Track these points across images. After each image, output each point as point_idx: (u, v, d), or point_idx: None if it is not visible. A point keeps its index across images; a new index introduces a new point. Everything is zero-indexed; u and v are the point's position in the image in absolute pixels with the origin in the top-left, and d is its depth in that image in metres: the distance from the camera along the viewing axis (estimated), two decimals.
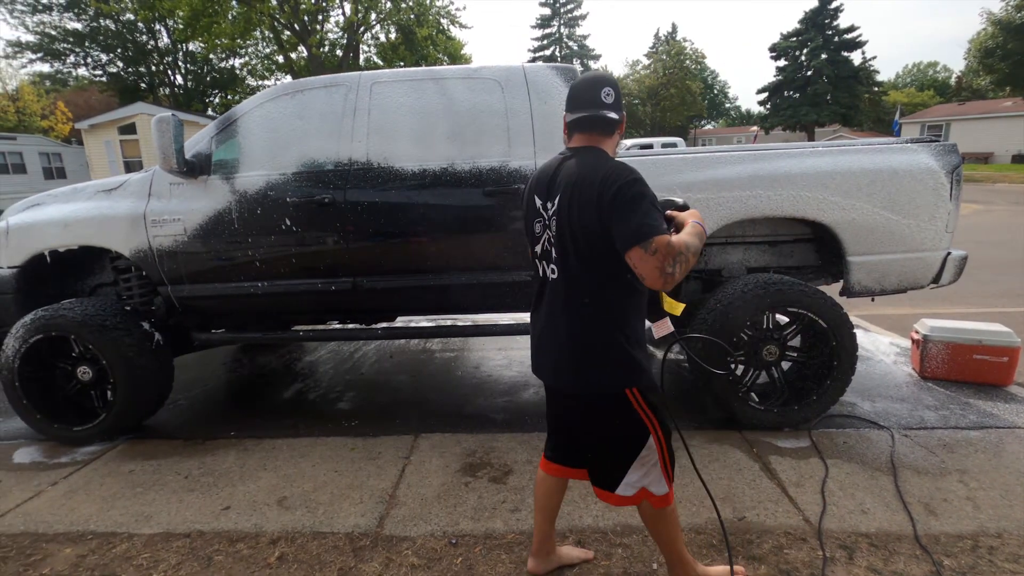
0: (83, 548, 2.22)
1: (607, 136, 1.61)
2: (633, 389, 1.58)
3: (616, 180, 1.44)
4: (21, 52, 28.01)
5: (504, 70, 3.13)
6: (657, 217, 1.41)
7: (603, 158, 1.54)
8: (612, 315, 1.56)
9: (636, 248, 1.37)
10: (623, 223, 1.40)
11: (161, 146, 2.81)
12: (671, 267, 1.36)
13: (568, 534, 2.17)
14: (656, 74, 46.93)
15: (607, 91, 1.57)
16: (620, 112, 1.61)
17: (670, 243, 1.36)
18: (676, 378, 3.93)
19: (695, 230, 1.50)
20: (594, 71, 1.70)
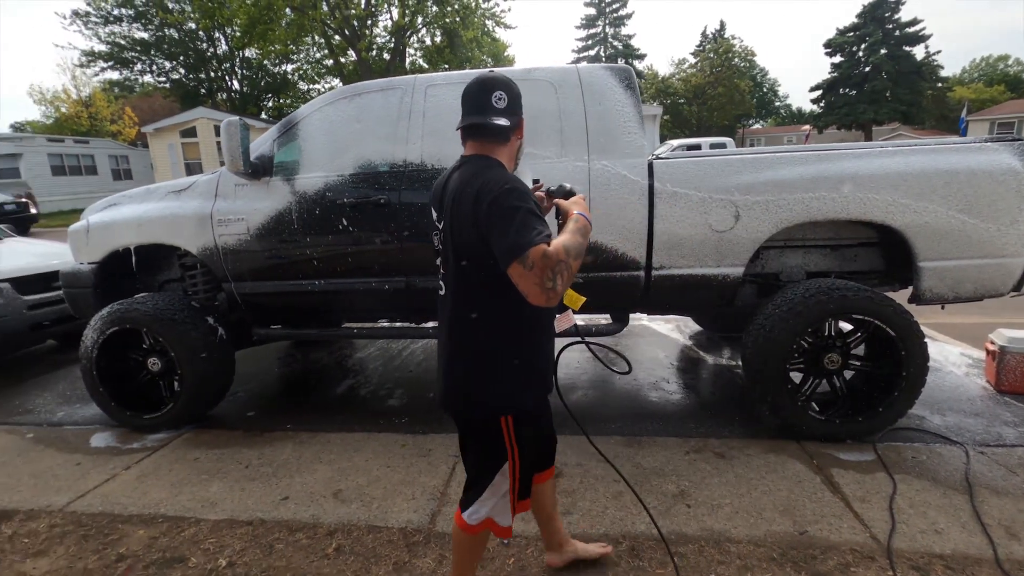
0: (155, 530, 2.34)
1: (499, 143, 1.52)
2: (508, 417, 1.51)
3: (489, 193, 1.34)
4: (94, 61, 29.83)
5: (558, 71, 3.13)
6: (535, 227, 1.28)
7: (484, 169, 1.44)
8: (499, 335, 1.48)
9: (514, 265, 1.26)
10: (500, 239, 1.30)
11: (229, 149, 2.93)
12: (550, 281, 1.24)
13: (621, 540, 2.15)
14: (703, 73, 45.82)
15: (498, 95, 1.48)
16: (513, 117, 1.51)
17: (546, 254, 1.24)
18: (728, 384, 3.82)
19: (577, 226, 1.39)
20: (488, 72, 1.56)
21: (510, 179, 1.39)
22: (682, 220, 2.89)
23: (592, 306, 3.24)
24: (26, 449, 3.17)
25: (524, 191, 1.37)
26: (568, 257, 1.27)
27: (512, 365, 1.49)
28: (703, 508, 2.33)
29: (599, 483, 2.55)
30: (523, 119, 1.58)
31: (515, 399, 1.52)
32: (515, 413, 1.52)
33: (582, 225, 1.40)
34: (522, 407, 1.53)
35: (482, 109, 1.48)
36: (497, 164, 1.48)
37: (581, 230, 1.38)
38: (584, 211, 1.47)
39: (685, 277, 2.97)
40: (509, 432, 1.52)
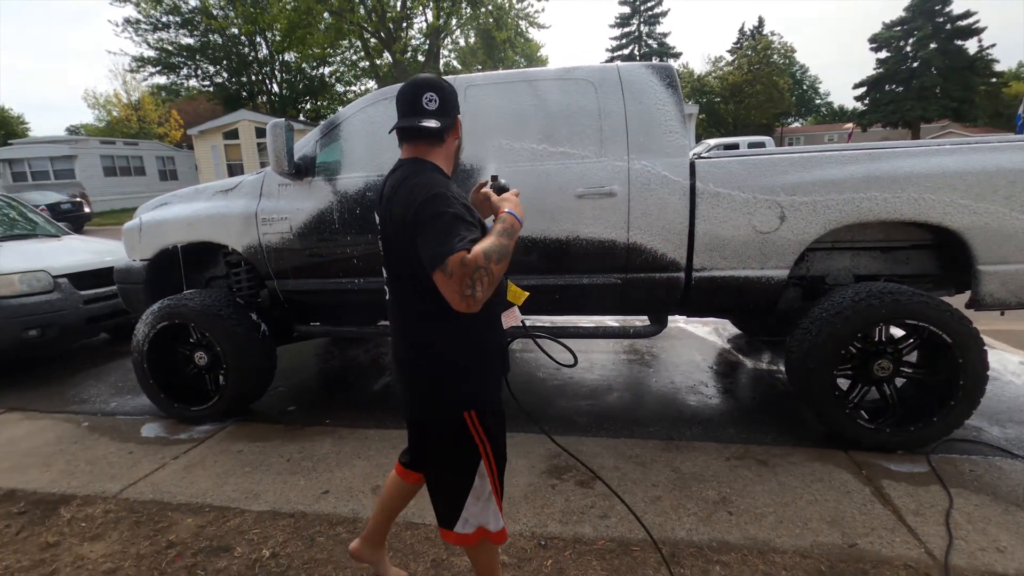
0: (202, 519, 2.42)
1: (433, 145, 1.50)
2: (471, 412, 1.49)
3: (416, 199, 1.35)
4: (143, 66, 31.11)
5: (598, 70, 3.10)
6: (457, 234, 1.28)
7: (414, 174, 1.43)
8: (445, 334, 1.46)
9: (437, 272, 1.28)
10: (424, 247, 1.31)
11: (274, 149, 3.01)
12: (469, 289, 1.24)
13: (662, 545, 2.11)
14: (740, 71, 44.78)
15: (429, 97, 1.46)
16: (445, 118, 1.48)
17: (463, 261, 1.23)
18: (769, 389, 3.72)
19: (503, 226, 1.37)
20: (422, 75, 1.54)
21: (436, 184, 1.38)
22: (725, 221, 2.82)
23: (631, 307, 3.23)
24: (82, 437, 3.32)
25: (449, 196, 1.36)
26: (488, 262, 1.26)
27: (464, 362, 1.49)
28: (746, 516, 2.27)
29: (637, 487, 2.52)
30: (459, 120, 1.57)
31: (473, 394, 1.50)
32: (477, 408, 1.50)
33: (509, 225, 1.38)
34: (481, 401, 1.52)
35: (413, 111, 1.48)
36: (429, 167, 1.47)
37: (507, 231, 1.36)
38: (514, 208, 1.45)
39: (727, 279, 2.90)
40: (476, 427, 1.50)
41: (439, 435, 1.55)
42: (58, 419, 3.61)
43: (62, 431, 3.41)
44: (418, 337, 1.50)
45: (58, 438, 3.30)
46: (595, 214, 2.94)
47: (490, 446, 1.53)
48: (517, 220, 1.42)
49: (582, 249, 2.98)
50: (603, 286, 3.04)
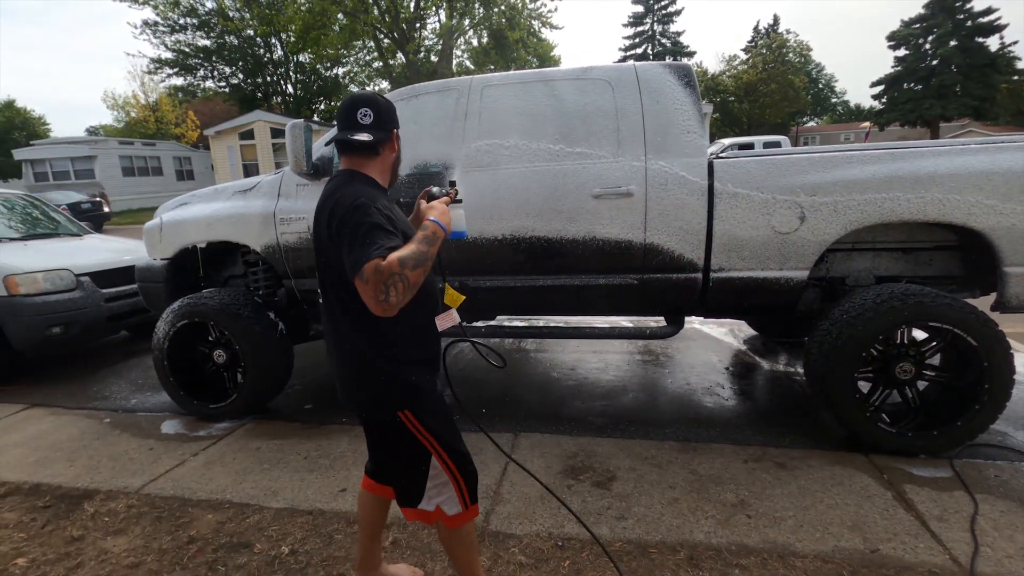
0: (222, 515, 2.45)
1: (368, 158, 1.57)
2: (406, 411, 1.54)
3: (339, 209, 1.42)
4: (161, 68, 31.57)
5: (615, 69, 3.09)
6: (375, 242, 1.34)
7: (343, 184, 1.51)
8: (374, 340, 1.51)
9: (356, 279, 1.34)
10: (346, 255, 1.38)
11: (293, 150, 3.03)
12: (383, 294, 1.31)
13: (679, 548, 2.10)
14: (755, 69, 44.31)
15: (363, 112, 1.54)
16: (379, 132, 1.54)
17: (377, 268, 1.30)
18: (787, 391, 3.68)
19: (424, 234, 1.43)
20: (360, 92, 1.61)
21: (361, 195, 1.43)
22: (743, 221, 2.80)
23: (648, 308, 3.21)
24: (104, 433, 3.37)
25: (371, 207, 1.41)
26: (403, 268, 1.32)
27: (393, 364, 1.53)
28: (764, 519, 2.25)
29: (654, 489, 2.50)
30: (396, 133, 1.63)
31: (405, 394, 1.55)
32: (410, 407, 1.55)
33: (430, 232, 1.45)
34: (414, 400, 1.56)
35: (348, 125, 1.55)
36: (360, 179, 1.54)
37: (427, 238, 1.43)
38: (439, 217, 1.51)
39: (745, 280, 2.88)
40: (415, 425, 1.56)
41: (382, 434, 1.62)
42: (80, 415, 3.68)
43: (85, 427, 3.47)
44: (348, 341, 1.55)
45: (81, 434, 3.36)
46: (612, 214, 2.93)
47: (435, 441, 1.58)
48: (440, 228, 1.48)
49: (599, 249, 2.97)
50: (620, 287, 3.02)
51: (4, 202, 5.53)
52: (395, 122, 1.63)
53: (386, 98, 1.61)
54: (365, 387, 1.56)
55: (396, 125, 1.63)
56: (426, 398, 1.58)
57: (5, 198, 5.62)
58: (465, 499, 1.64)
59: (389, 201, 1.55)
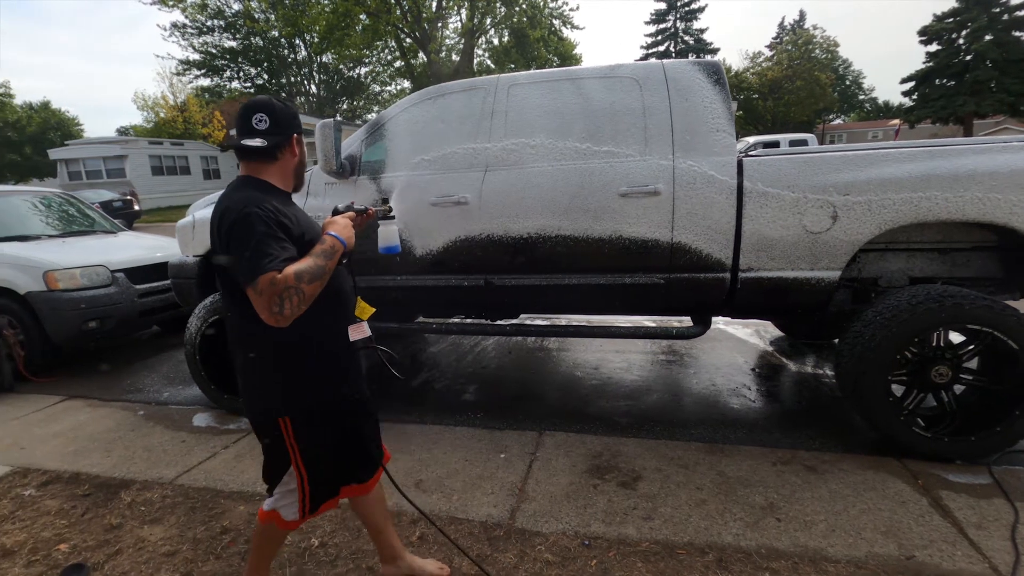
0: (253, 507, 2.50)
1: (265, 162, 1.58)
2: (284, 419, 1.57)
3: (228, 217, 1.43)
4: (189, 69, 32.32)
5: (643, 67, 3.07)
6: (268, 253, 1.37)
7: (235, 190, 1.53)
8: (268, 343, 1.52)
9: (247, 288, 1.37)
10: (237, 263, 1.40)
11: (323, 149, 3.08)
12: (277, 306, 1.35)
13: (707, 550, 2.08)
14: (780, 66, 43.52)
15: (258, 117, 1.55)
16: (275, 137, 1.56)
17: (273, 281, 1.34)
18: (815, 393, 3.62)
19: (322, 248, 1.49)
20: (256, 97, 1.61)
21: (251, 202, 1.44)
22: (773, 221, 2.76)
23: (674, 308, 3.18)
24: (139, 425, 3.47)
25: (261, 215, 1.42)
26: (299, 282, 1.37)
27: (284, 371, 1.55)
28: (795, 523, 2.22)
29: (680, 489, 2.49)
30: (297, 137, 1.64)
31: (288, 403, 1.57)
32: (290, 415, 1.57)
33: (328, 247, 1.50)
34: (296, 410, 1.58)
35: (243, 131, 1.56)
36: (254, 184, 1.56)
37: (325, 252, 1.48)
38: (339, 231, 1.56)
39: (775, 280, 2.84)
40: (288, 433, 1.58)
41: (261, 433, 1.66)
42: (116, 407, 3.78)
43: (120, 418, 3.57)
44: (243, 345, 1.57)
45: (117, 425, 3.46)
46: (639, 213, 2.91)
47: (299, 453, 1.61)
48: (339, 242, 1.54)
49: (625, 248, 2.95)
50: (646, 286, 3.00)
51: (42, 200, 5.71)
52: (294, 127, 1.63)
53: (285, 103, 1.63)
54: (254, 390, 1.61)
55: (296, 130, 1.64)
56: (309, 411, 1.60)
57: (43, 196, 5.81)
58: (305, 509, 1.69)
59: (287, 205, 1.57)
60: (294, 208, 1.60)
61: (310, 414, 1.60)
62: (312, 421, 1.61)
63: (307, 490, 1.66)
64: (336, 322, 1.65)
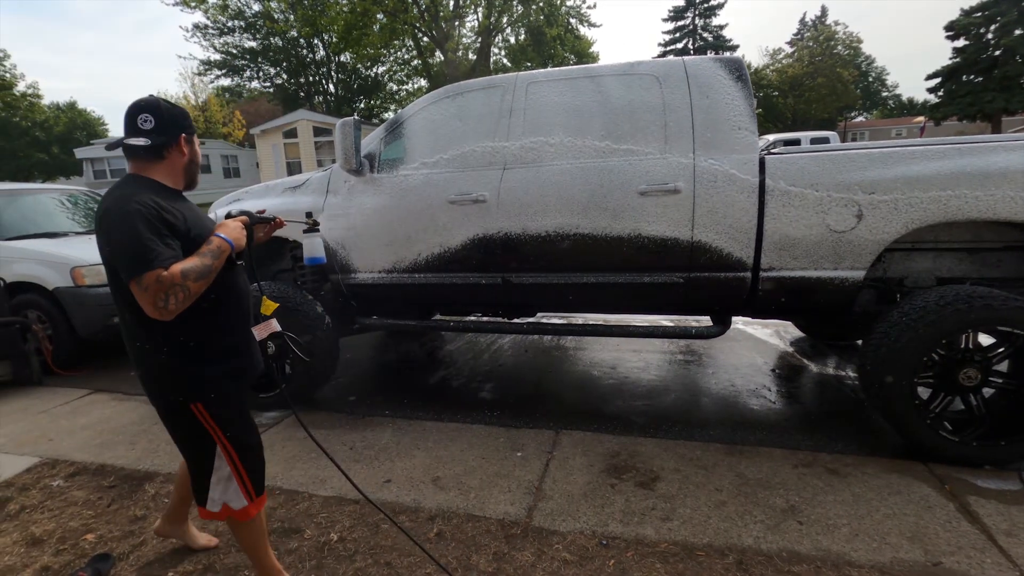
0: (273, 501, 2.53)
1: (152, 161, 1.64)
2: (197, 404, 1.63)
3: (110, 214, 1.49)
4: (210, 69, 32.87)
5: (663, 64, 3.04)
6: (152, 250, 1.43)
7: (118, 187, 1.59)
8: (158, 337, 1.59)
9: (132, 283, 1.44)
10: (119, 259, 1.47)
11: (343, 147, 3.10)
12: (162, 301, 1.43)
13: (727, 552, 2.05)
14: (801, 63, 42.83)
15: (143, 118, 1.60)
16: (160, 136, 1.61)
17: (159, 278, 1.41)
18: (837, 395, 3.56)
19: (208, 247, 1.55)
20: (144, 97, 1.65)
21: (134, 199, 1.49)
22: (796, 219, 2.71)
23: (693, 307, 3.15)
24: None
25: (143, 212, 1.47)
26: (185, 280, 1.45)
27: (184, 361, 1.62)
28: (817, 527, 2.18)
29: (700, 490, 2.46)
30: (185, 137, 1.68)
31: (197, 389, 1.64)
32: (203, 400, 1.64)
33: (215, 247, 1.57)
34: (207, 394, 1.65)
35: (129, 131, 1.61)
36: (140, 182, 1.61)
37: (212, 252, 1.55)
38: (228, 233, 1.63)
39: (797, 280, 2.79)
40: (204, 417, 1.66)
41: (174, 423, 1.72)
42: (140, 401, 3.86)
43: (144, 412, 3.64)
44: (139, 337, 1.62)
45: (141, 418, 3.53)
46: (658, 211, 2.88)
47: (223, 434, 1.69)
48: (227, 243, 1.60)
49: (644, 247, 2.93)
50: (664, 285, 2.98)
51: (69, 198, 5.84)
52: (182, 127, 1.68)
53: (172, 104, 1.69)
54: (156, 379, 1.66)
55: (184, 130, 1.68)
56: (220, 394, 1.67)
57: (70, 194, 5.94)
58: (249, 491, 1.76)
59: (175, 202, 1.62)
60: (183, 205, 1.67)
61: (215, 395, 1.67)
62: (221, 401, 1.69)
63: (242, 469, 1.74)
64: (230, 316, 1.73)
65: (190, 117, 1.74)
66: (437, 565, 2.01)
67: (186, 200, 1.74)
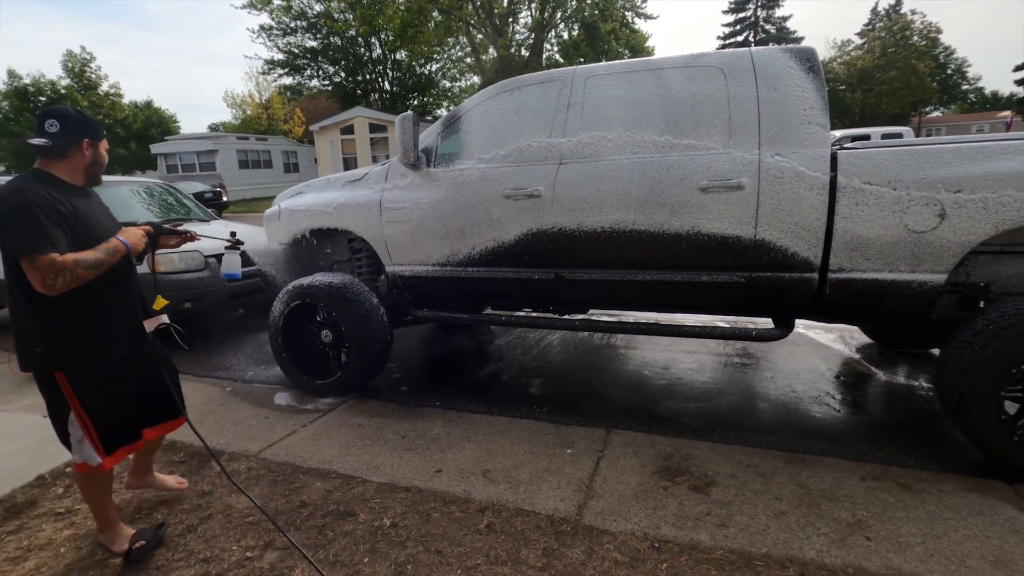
0: (329, 484, 2.61)
1: (54, 159, 1.93)
2: (59, 373, 1.92)
3: (5, 200, 1.76)
4: (273, 69, 34.23)
5: (728, 56, 2.93)
6: (48, 235, 1.73)
7: (20, 179, 1.86)
8: (36, 312, 1.86)
9: (23, 262, 1.72)
10: (9, 239, 1.74)
11: (403, 141, 3.16)
12: (51, 280, 1.72)
13: (787, 564, 1.97)
14: (871, 55, 40.42)
15: (50, 122, 1.89)
16: (62, 140, 1.90)
17: (52, 261, 1.71)
18: (909, 407, 3.35)
19: (107, 246, 1.86)
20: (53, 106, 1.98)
21: (29, 190, 1.79)
22: (871, 219, 2.56)
23: (754, 308, 3.03)
24: (226, 400, 3.71)
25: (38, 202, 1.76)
26: (76, 267, 1.75)
27: (54, 335, 1.89)
28: (887, 544, 2.06)
29: (758, 498, 2.37)
30: (88, 142, 1.96)
31: (61, 360, 1.92)
32: (65, 371, 1.92)
33: (111, 246, 1.88)
34: (71, 366, 1.93)
35: (36, 132, 1.90)
36: (40, 176, 1.90)
37: (107, 249, 1.86)
38: (127, 238, 1.95)
39: (869, 282, 2.64)
40: (65, 385, 1.94)
41: (42, 386, 2.00)
42: (207, 383, 4.07)
43: (211, 393, 3.83)
44: (19, 309, 1.89)
45: (208, 399, 3.72)
46: (720, 208, 2.79)
47: (78, 402, 1.96)
48: (122, 245, 1.91)
49: (703, 245, 2.84)
50: (724, 284, 2.88)
51: (146, 189, 6.22)
52: (86, 133, 1.95)
53: (81, 113, 1.99)
54: (28, 347, 1.92)
55: (88, 135, 1.96)
56: (84, 367, 1.95)
57: (147, 186, 6.33)
58: (100, 450, 2.01)
59: (71, 196, 1.90)
60: (81, 200, 1.95)
61: (77, 368, 1.94)
62: (81, 374, 1.95)
63: (94, 433, 2.00)
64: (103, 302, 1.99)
65: (98, 126, 2.03)
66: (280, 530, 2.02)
67: (89, 195, 2.04)
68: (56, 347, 1.91)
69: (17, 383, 4.13)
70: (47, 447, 3.04)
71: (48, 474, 2.77)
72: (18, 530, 2.33)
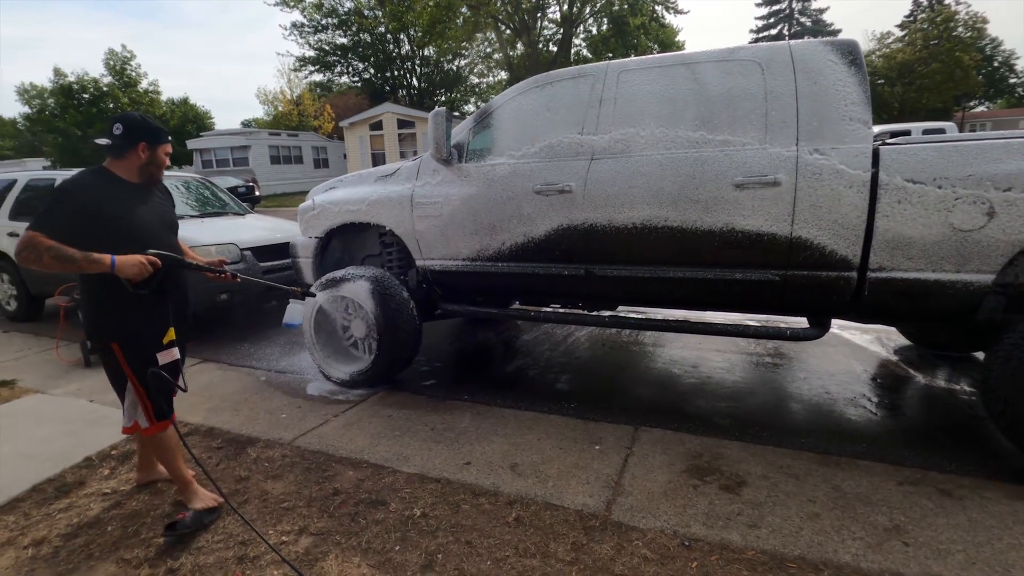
0: (361, 473, 2.67)
1: (115, 159, 2.17)
2: (113, 344, 2.16)
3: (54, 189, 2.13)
4: (305, 65, 34.81)
5: (766, 49, 2.87)
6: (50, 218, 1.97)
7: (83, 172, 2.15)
8: (91, 290, 2.16)
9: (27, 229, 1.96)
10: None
11: (435, 137, 3.19)
12: (23, 252, 1.93)
13: (821, 568, 1.94)
14: (913, 47, 38.95)
15: (117, 126, 2.14)
16: (122, 141, 2.13)
17: (33, 237, 1.92)
18: (950, 411, 3.24)
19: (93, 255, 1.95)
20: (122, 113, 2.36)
21: (78, 184, 2.07)
22: (914, 217, 2.49)
23: (789, 307, 2.97)
24: (261, 389, 3.82)
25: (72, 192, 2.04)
26: (46, 252, 1.92)
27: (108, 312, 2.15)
28: (926, 550, 2.01)
29: (790, 500, 2.33)
30: (144, 145, 2.16)
31: (114, 332, 2.17)
32: (119, 342, 2.16)
33: (95, 258, 1.96)
34: (122, 339, 2.16)
35: (103, 134, 2.16)
36: (99, 172, 2.16)
37: (88, 256, 1.95)
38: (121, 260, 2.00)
39: (911, 282, 2.56)
40: (120, 357, 2.18)
41: (102, 356, 2.25)
42: (241, 372, 4.19)
43: (246, 382, 3.94)
44: (83, 285, 2.19)
45: (243, 388, 3.83)
46: (755, 205, 2.74)
47: (131, 371, 2.19)
48: (111, 263, 1.98)
49: (737, 242, 2.79)
50: (758, 282, 2.83)
51: (184, 184, 6.41)
52: (143, 137, 2.16)
53: (143, 118, 2.20)
54: (89, 321, 2.22)
55: (144, 139, 2.16)
56: (134, 343, 2.18)
57: (185, 181, 6.52)
58: (151, 416, 2.25)
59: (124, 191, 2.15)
60: (137, 197, 2.19)
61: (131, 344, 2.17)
62: (133, 349, 2.18)
63: (146, 400, 2.23)
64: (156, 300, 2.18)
65: (159, 132, 2.22)
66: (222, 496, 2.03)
67: (148, 192, 2.26)
68: (112, 324, 2.17)
69: (65, 369, 4.32)
70: (94, 430, 3.17)
71: (95, 456, 2.89)
72: (68, 508, 2.45)
